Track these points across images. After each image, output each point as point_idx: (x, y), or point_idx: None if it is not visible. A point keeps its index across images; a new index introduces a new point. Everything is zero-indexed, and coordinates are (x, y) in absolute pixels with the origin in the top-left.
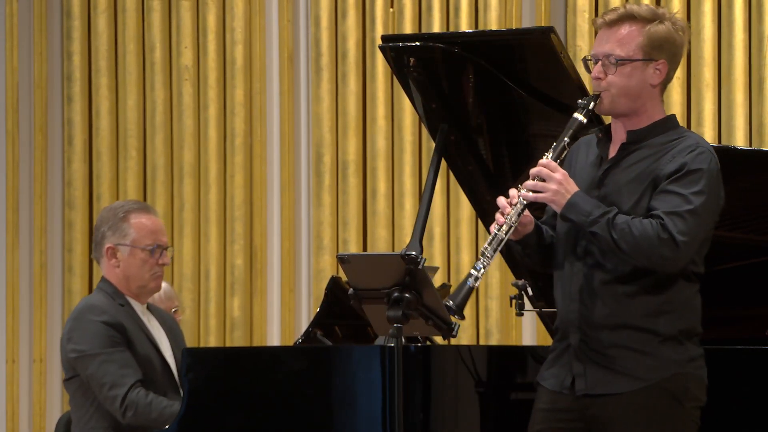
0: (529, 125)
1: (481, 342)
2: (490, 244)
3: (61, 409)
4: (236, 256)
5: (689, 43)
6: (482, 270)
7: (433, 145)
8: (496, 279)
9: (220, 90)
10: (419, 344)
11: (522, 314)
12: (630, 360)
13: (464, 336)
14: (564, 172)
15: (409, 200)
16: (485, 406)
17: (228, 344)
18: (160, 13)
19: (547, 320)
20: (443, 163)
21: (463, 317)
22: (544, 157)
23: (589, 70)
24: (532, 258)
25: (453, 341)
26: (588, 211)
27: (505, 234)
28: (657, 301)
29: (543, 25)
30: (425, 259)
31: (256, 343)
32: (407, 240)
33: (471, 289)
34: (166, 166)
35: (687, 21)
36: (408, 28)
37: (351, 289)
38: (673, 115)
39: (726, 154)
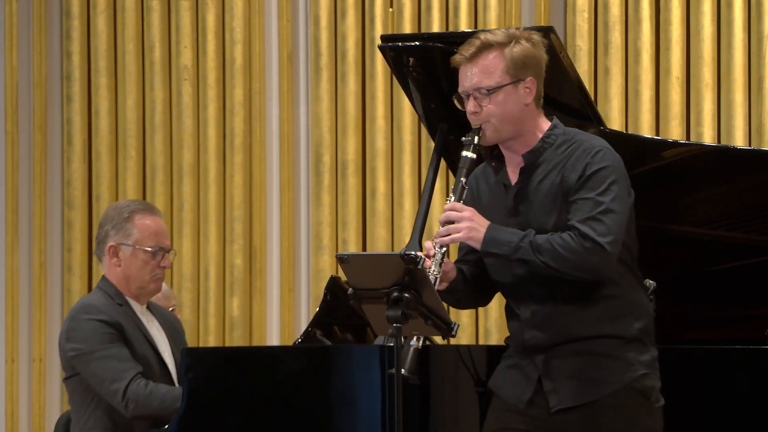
0: None
1: (481, 342)
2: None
3: (61, 409)
4: (236, 256)
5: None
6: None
7: (433, 144)
8: None
9: (219, 90)
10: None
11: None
12: (598, 366)
13: (463, 336)
14: (471, 209)
15: (409, 200)
16: (484, 406)
17: (227, 344)
18: (159, 13)
19: None
20: (443, 163)
21: (419, 382)
22: (447, 202)
23: (462, 107)
24: (464, 302)
25: (452, 341)
26: (508, 240)
27: (435, 286)
28: (612, 306)
29: (542, 24)
30: (425, 259)
31: (256, 343)
32: (407, 240)
33: (417, 350)
34: (165, 165)
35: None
36: (407, 28)
37: (350, 289)
38: (555, 120)
39: (725, 154)
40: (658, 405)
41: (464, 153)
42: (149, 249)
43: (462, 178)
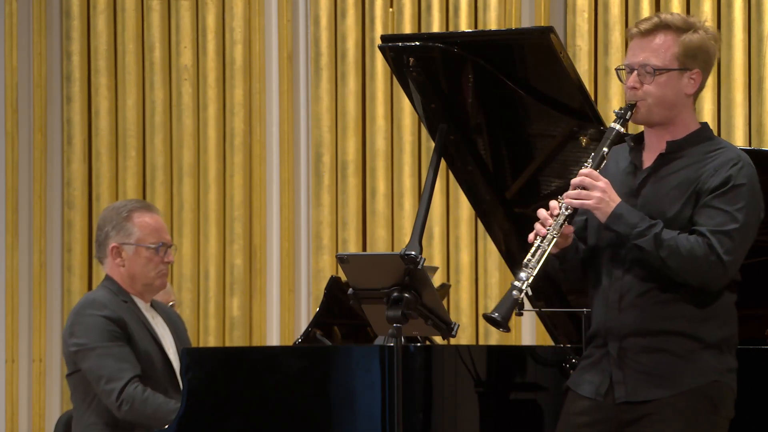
0: (529, 125)
1: (481, 342)
2: (533, 255)
3: (61, 409)
4: (235, 256)
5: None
6: (526, 282)
7: (433, 144)
8: (495, 279)
9: (219, 90)
10: (419, 344)
11: (522, 314)
12: (671, 365)
13: (464, 336)
14: (607, 180)
15: (409, 200)
16: (485, 406)
17: (227, 344)
18: (159, 13)
19: (546, 320)
20: (443, 163)
21: (508, 329)
22: (584, 167)
23: (621, 80)
24: (568, 273)
25: (452, 341)
26: (634, 223)
27: (549, 245)
28: (701, 308)
29: (542, 25)
30: (424, 259)
31: (256, 343)
32: (406, 240)
33: (516, 301)
34: (165, 166)
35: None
36: (407, 28)
37: (350, 289)
38: (707, 124)
39: None
40: (725, 416)
41: (613, 124)
42: (152, 246)
43: (605, 148)
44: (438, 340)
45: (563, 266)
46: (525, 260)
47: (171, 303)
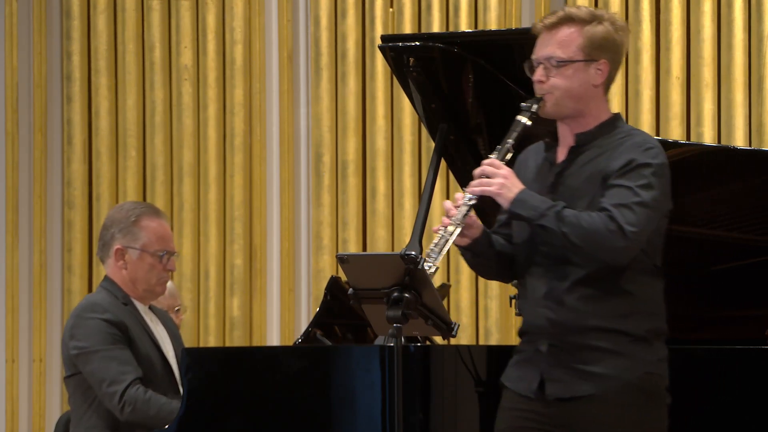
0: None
1: (481, 342)
2: (436, 245)
3: (61, 409)
4: (236, 256)
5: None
6: (430, 265)
7: (433, 144)
8: None
9: (219, 90)
10: (419, 344)
11: (521, 314)
12: (601, 360)
13: (464, 336)
14: (509, 169)
15: (409, 200)
16: (485, 406)
17: (227, 344)
18: (159, 13)
19: None
20: (443, 163)
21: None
22: (488, 158)
23: (530, 75)
24: (483, 267)
25: (452, 341)
26: (535, 206)
27: (450, 234)
28: (625, 302)
29: None
30: (425, 259)
31: (256, 343)
32: (407, 240)
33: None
34: (165, 165)
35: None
36: (407, 28)
37: (350, 289)
38: (619, 114)
39: (725, 154)
40: (661, 404)
41: (519, 117)
42: (157, 253)
43: (509, 140)
44: (438, 340)
45: (476, 260)
46: (428, 251)
47: (177, 308)
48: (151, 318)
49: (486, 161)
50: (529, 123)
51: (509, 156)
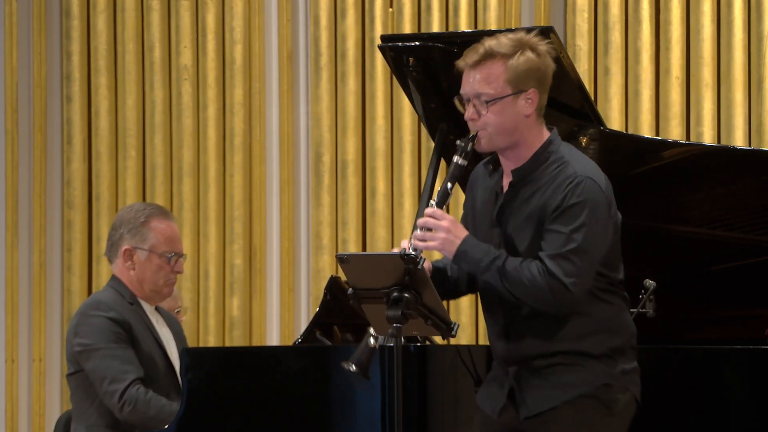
0: None
1: (481, 342)
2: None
3: (61, 409)
4: (235, 256)
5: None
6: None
7: (433, 144)
8: None
9: (219, 89)
10: (418, 344)
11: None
12: (562, 373)
13: (463, 336)
14: (451, 218)
15: (409, 200)
16: None
17: (227, 344)
18: (159, 13)
19: None
20: (442, 163)
21: (368, 378)
22: (430, 206)
23: (463, 110)
24: (449, 295)
25: (452, 341)
26: (478, 259)
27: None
28: (581, 325)
29: (542, 24)
30: (425, 259)
31: (256, 342)
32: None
33: (373, 349)
34: (165, 165)
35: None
36: (407, 28)
37: (350, 289)
38: (553, 134)
39: (725, 154)
40: (622, 416)
41: (455, 158)
42: (165, 254)
43: (448, 183)
44: (438, 340)
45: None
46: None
47: (177, 310)
48: (156, 319)
49: (428, 210)
50: (465, 163)
51: (449, 199)
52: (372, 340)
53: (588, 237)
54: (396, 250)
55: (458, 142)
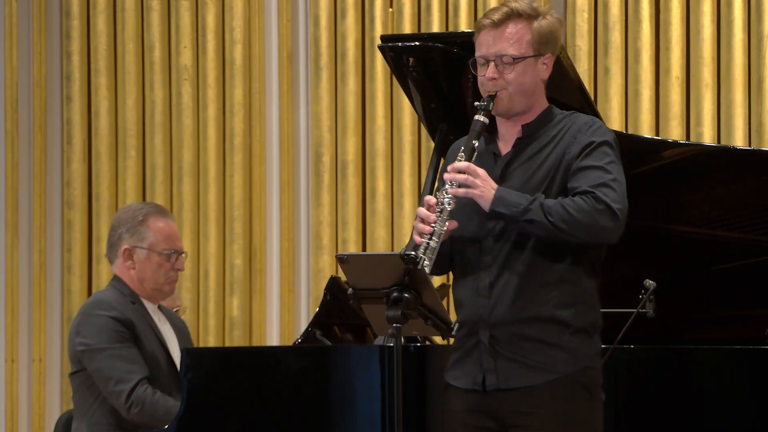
0: None
1: None
2: (424, 253)
3: (61, 409)
4: (235, 256)
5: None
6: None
7: (432, 144)
8: None
9: (219, 90)
10: (418, 344)
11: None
12: (542, 353)
13: None
14: (483, 170)
15: (409, 200)
16: None
17: (227, 344)
18: (159, 13)
19: None
20: (442, 163)
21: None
22: (458, 160)
23: (476, 72)
24: (439, 265)
25: (452, 341)
26: (517, 202)
27: (437, 242)
28: (566, 293)
29: None
30: (424, 259)
31: (255, 343)
32: (406, 240)
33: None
34: (165, 165)
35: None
36: (407, 28)
37: (350, 289)
38: (551, 105)
39: (725, 154)
40: (597, 399)
41: (477, 117)
42: (164, 252)
43: (474, 141)
44: (438, 340)
45: (439, 261)
46: (417, 252)
47: (176, 309)
48: (159, 317)
49: (460, 164)
50: (487, 120)
51: (475, 156)
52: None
53: (620, 171)
54: (404, 251)
55: (477, 103)
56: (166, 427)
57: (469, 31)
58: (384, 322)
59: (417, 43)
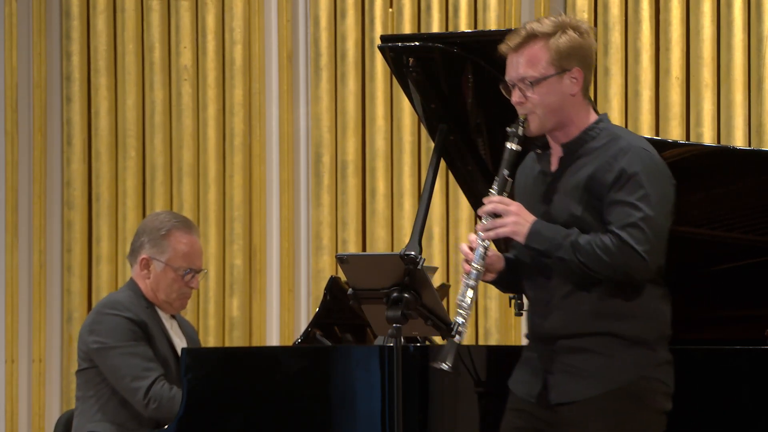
0: None
1: (481, 342)
2: (463, 295)
3: (61, 409)
4: (235, 256)
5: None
6: (464, 324)
7: (432, 145)
8: None
9: (219, 90)
10: (418, 344)
11: (521, 314)
12: (595, 364)
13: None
14: (517, 203)
15: (408, 200)
16: (485, 406)
17: (227, 344)
18: (159, 13)
19: None
20: (442, 163)
21: (458, 373)
22: (490, 193)
23: (509, 96)
24: (513, 290)
25: None
26: (551, 237)
27: (475, 281)
28: (622, 307)
29: None
30: (424, 259)
31: (255, 343)
32: (406, 240)
33: (458, 345)
34: (165, 166)
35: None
36: (407, 28)
37: (350, 290)
38: (604, 115)
39: (725, 154)
40: (656, 410)
41: (508, 145)
42: (180, 269)
43: (505, 170)
44: (438, 340)
45: (507, 289)
46: (457, 300)
47: None
48: (171, 324)
49: (493, 198)
50: (519, 148)
51: (508, 186)
52: (457, 337)
53: (653, 205)
54: (465, 244)
55: (508, 128)
56: (166, 427)
57: (469, 31)
58: (384, 322)
59: (417, 43)
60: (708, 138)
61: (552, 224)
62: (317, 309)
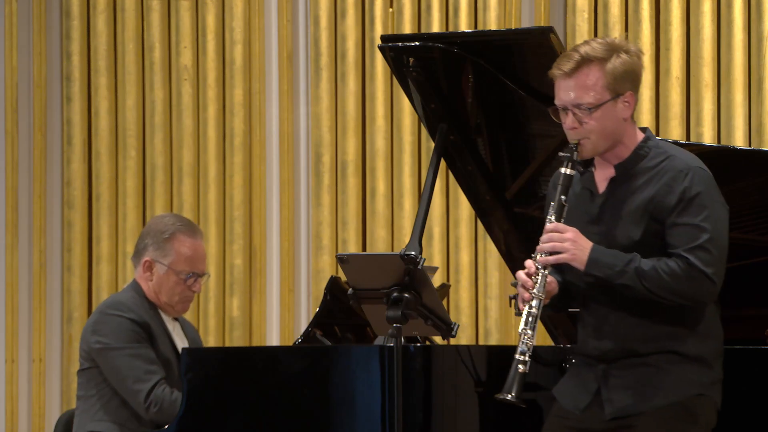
0: (528, 125)
1: (481, 342)
2: (527, 324)
3: (61, 409)
4: (235, 256)
5: (697, 50)
6: (528, 353)
7: (433, 145)
8: (495, 279)
9: (219, 90)
10: (418, 344)
11: (521, 314)
12: (652, 378)
13: (463, 336)
14: (574, 229)
15: (409, 200)
16: (485, 406)
17: (227, 344)
18: (159, 13)
19: (546, 320)
20: (442, 163)
21: (524, 404)
22: (547, 221)
23: (557, 119)
24: (564, 309)
25: (452, 341)
26: (612, 263)
27: (538, 308)
28: (679, 325)
29: (542, 25)
30: (424, 259)
31: (256, 343)
32: (406, 240)
33: (523, 375)
34: (165, 166)
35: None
36: (407, 28)
37: (350, 289)
38: (647, 130)
39: (725, 154)
40: (705, 427)
41: (562, 169)
42: (182, 273)
43: (562, 196)
44: (438, 340)
45: (559, 312)
46: (521, 329)
47: None
48: (173, 326)
49: (548, 225)
50: (574, 173)
51: (565, 211)
52: (521, 366)
53: (716, 225)
54: (523, 272)
55: (561, 153)
56: (166, 426)
57: (469, 31)
58: (384, 322)
59: (417, 43)
60: (708, 138)
61: (609, 249)
62: (317, 309)
